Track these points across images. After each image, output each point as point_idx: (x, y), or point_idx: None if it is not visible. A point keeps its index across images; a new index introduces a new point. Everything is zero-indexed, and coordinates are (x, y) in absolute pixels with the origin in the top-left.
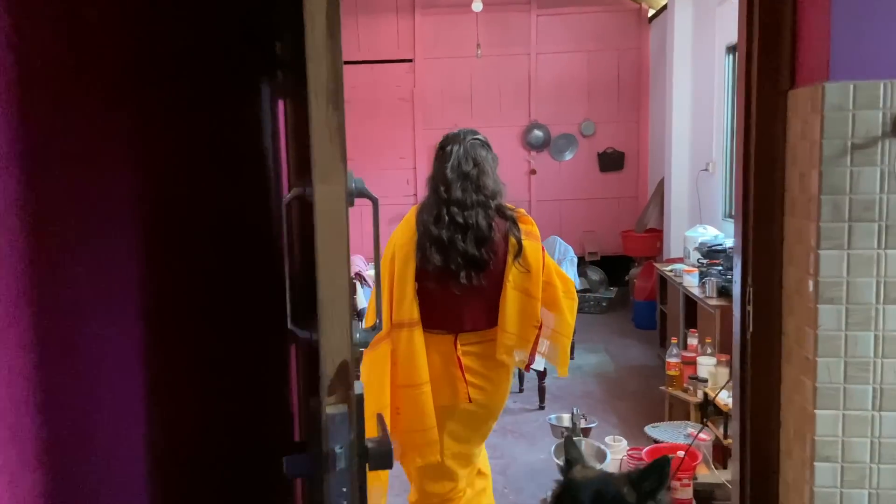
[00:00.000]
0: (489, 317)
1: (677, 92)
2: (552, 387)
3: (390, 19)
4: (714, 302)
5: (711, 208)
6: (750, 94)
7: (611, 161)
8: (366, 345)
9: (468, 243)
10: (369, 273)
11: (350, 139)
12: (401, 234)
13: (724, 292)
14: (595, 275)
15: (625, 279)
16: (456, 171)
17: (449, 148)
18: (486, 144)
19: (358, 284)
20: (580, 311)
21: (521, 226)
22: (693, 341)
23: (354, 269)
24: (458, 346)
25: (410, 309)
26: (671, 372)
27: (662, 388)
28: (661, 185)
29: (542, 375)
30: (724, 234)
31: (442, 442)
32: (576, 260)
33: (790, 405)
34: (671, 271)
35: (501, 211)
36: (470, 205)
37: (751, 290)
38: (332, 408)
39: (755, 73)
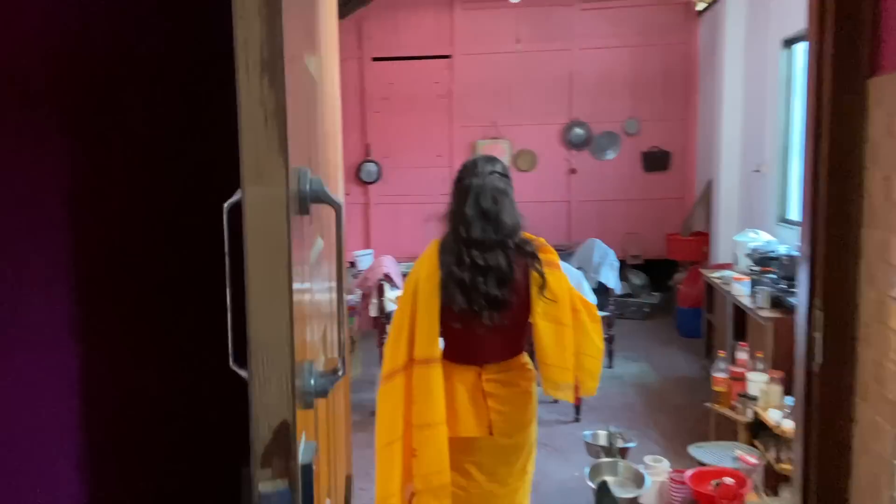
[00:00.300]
0: (512, 349)
1: (728, 89)
2: (588, 399)
3: (428, 14)
4: (766, 314)
5: (763, 212)
6: (822, 85)
7: (656, 161)
8: (325, 393)
9: (489, 285)
10: (402, 271)
11: (386, 136)
12: (424, 269)
13: (777, 303)
14: (637, 279)
15: (668, 284)
16: (474, 209)
17: (467, 182)
18: (504, 176)
19: (387, 286)
20: (621, 316)
21: (541, 256)
22: (742, 355)
23: (382, 270)
24: (483, 377)
25: (433, 346)
26: (718, 388)
27: (708, 404)
28: (709, 186)
29: (577, 386)
30: (777, 239)
31: (469, 474)
32: (617, 264)
33: (864, 452)
34: (719, 278)
35: (521, 248)
36: (490, 246)
37: (819, 313)
38: (266, 484)
39: (829, 58)
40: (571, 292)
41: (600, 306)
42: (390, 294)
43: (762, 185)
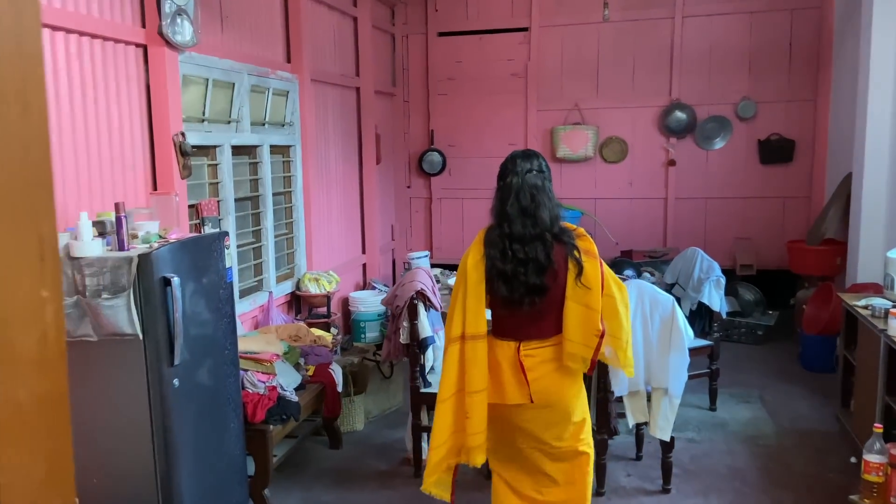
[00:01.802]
0: (550, 328)
1: (876, 63)
2: (683, 457)
3: None
4: None
5: None
6: None
7: (776, 151)
8: None
9: (529, 275)
10: (449, 283)
11: (452, 121)
12: (472, 257)
13: None
14: (748, 294)
15: (789, 302)
16: (514, 207)
17: (508, 180)
18: (541, 172)
19: (421, 307)
20: (727, 339)
21: (580, 244)
22: None
23: (415, 286)
24: (521, 352)
25: (479, 325)
26: (870, 476)
27: (854, 497)
28: (846, 183)
29: (667, 447)
30: None
31: (517, 438)
32: (723, 281)
33: None
34: (865, 307)
35: (559, 238)
36: (529, 239)
37: None
38: None
39: None
40: (610, 278)
41: (701, 332)
42: (425, 318)
43: None
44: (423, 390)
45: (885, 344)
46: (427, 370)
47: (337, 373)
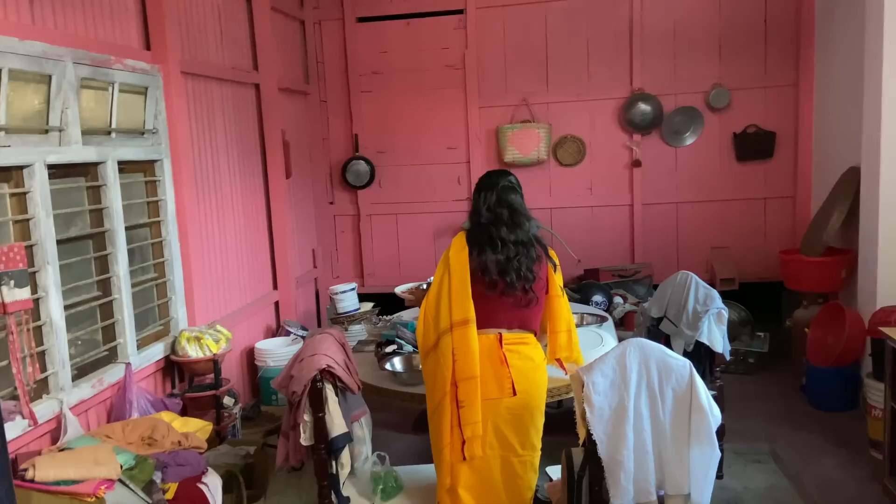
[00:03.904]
0: (529, 325)
1: (891, 27)
2: None
3: None
4: None
5: None
6: None
7: (754, 145)
8: None
9: (522, 263)
10: (381, 332)
11: (380, 123)
12: (454, 250)
13: None
14: (733, 313)
15: (782, 322)
16: (492, 213)
17: (482, 195)
18: (516, 187)
19: (330, 391)
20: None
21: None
22: None
23: (320, 362)
24: (503, 343)
25: (467, 309)
26: None
27: None
28: (849, 180)
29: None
30: None
31: (485, 439)
32: (725, 314)
33: None
34: None
35: (539, 240)
36: (516, 241)
37: None
38: None
39: None
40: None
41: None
42: (336, 407)
43: None
44: None
45: None
46: (342, 481)
47: (213, 487)
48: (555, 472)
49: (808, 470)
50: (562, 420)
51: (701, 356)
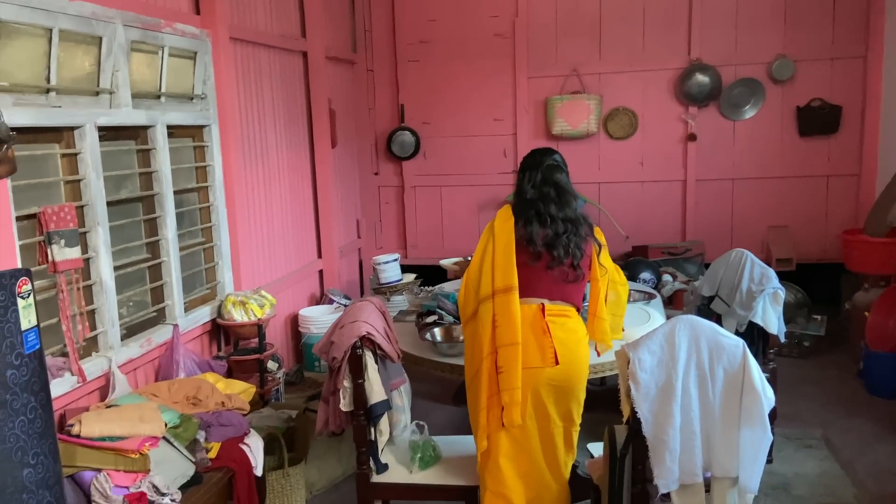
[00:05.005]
0: (571, 298)
1: None
2: None
3: None
4: None
5: None
6: None
7: (818, 120)
8: None
9: (571, 239)
10: (423, 303)
11: (426, 94)
12: (499, 220)
13: None
14: (789, 294)
15: (842, 305)
16: (538, 191)
17: (527, 174)
18: (562, 166)
19: (369, 358)
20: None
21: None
22: None
23: (360, 329)
24: (546, 313)
25: (510, 277)
26: None
27: None
28: None
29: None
30: None
31: (526, 411)
32: (782, 295)
33: None
34: None
35: (585, 218)
36: (564, 219)
37: None
38: None
39: None
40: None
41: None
42: (375, 374)
43: None
44: (374, 479)
45: None
46: (381, 448)
47: (255, 448)
48: (596, 449)
49: (862, 457)
50: (605, 398)
51: (754, 337)
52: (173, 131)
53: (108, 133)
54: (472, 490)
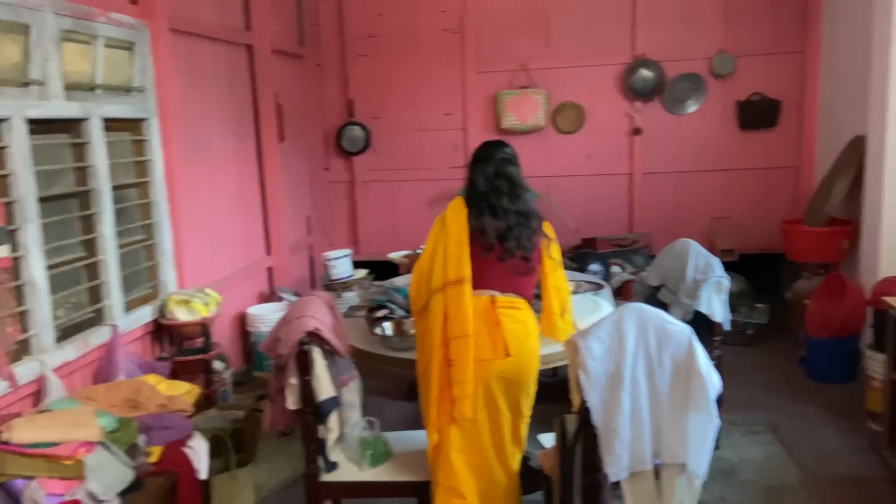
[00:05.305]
0: (522, 291)
1: None
2: None
3: None
4: None
5: None
6: None
7: (758, 113)
8: None
9: (522, 232)
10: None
11: (376, 89)
12: (451, 212)
13: None
14: (733, 284)
15: (782, 293)
16: (491, 183)
17: (479, 166)
18: (512, 160)
19: (317, 354)
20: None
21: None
22: None
23: (306, 324)
24: (496, 306)
25: (463, 268)
26: None
27: None
28: (854, 149)
29: None
30: None
31: (476, 402)
32: (726, 283)
33: None
34: None
35: (536, 212)
36: (516, 212)
37: None
38: None
39: None
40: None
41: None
42: (324, 371)
43: None
44: (324, 478)
45: None
46: (330, 446)
47: (199, 451)
48: (548, 440)
49: (806, 441)
50: (556, 389)
51: (700, 326)
52: (110, 125)
53: (39, 126)
54: (423, 485)
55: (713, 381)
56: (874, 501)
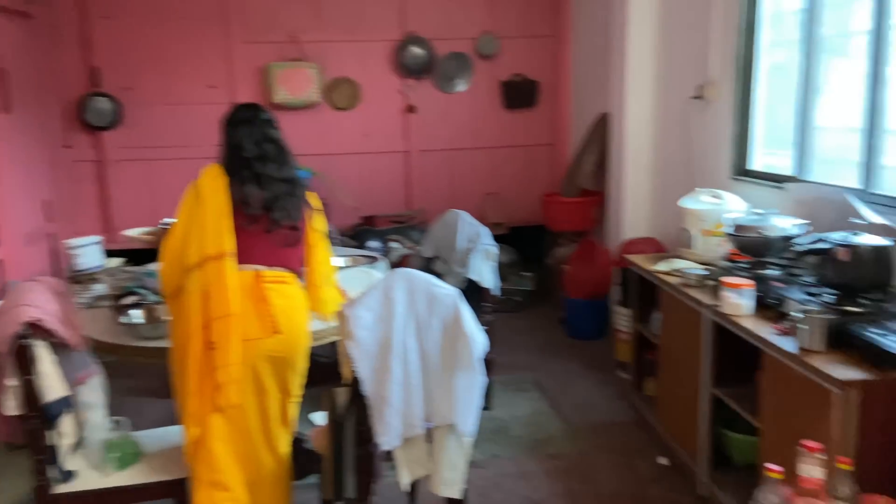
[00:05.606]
0: (290, 264)
1: None
2: (470, 496)
3: None
4: (841, 373)
5: (710, 162)
6: None
7: (520, 94)
8: None
9: (289, 202)
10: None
11: (126, 56)
12: (206, 182)
13: (841, 340)
14: (502, 255)
15: (544, 262)
16: (259, 147)
17: (242, 129)
18: (274, 123)
19: (42, 349)
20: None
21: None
22: (813, 470)
23: (25, 313)
24: (262, 282)
25: (224, 242)
26: None
27: None
28: (599, 126)
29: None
30: (752, 204)
31: (243, 385)
32: (494, 251)
33: None
34: (673, 275)
35: (301, 179)
36: (282, 179)
37: None
38: None
39: None
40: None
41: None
42: (51, 367)
43: (704, 121)
44: (58, 490)
45: (713, 323)
46: (64, 453)
47: None
48: (320, 418)
49: (566, 394)
50: (333, 369)
51: (472, 294)
52: None
53: None
54: (179, 483)
55: (478, 340)
56: (626, 442)
